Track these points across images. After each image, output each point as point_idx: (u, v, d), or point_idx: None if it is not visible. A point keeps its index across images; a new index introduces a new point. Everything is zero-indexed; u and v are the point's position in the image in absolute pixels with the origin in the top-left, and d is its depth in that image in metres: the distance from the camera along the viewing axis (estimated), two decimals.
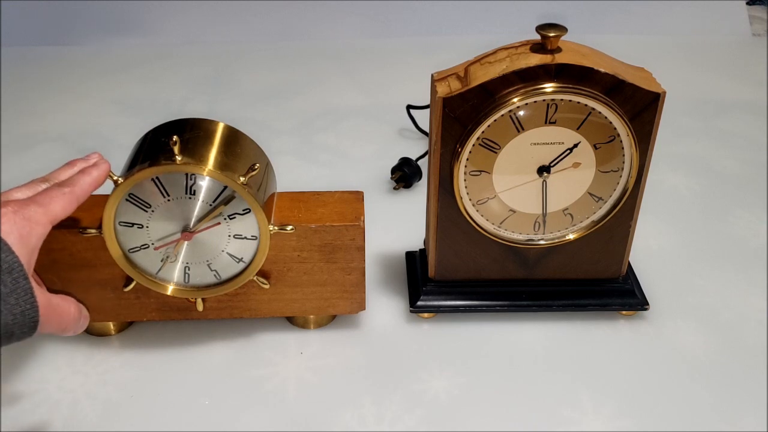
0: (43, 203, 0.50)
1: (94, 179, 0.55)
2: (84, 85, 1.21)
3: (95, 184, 0.55)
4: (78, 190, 0.53)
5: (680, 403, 0.59)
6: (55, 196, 0.51)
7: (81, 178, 0.54)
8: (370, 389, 0.61)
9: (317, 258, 0.61)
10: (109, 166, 0.56)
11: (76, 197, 0.53)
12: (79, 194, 0.53)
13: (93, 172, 0.55)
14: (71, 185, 0.53)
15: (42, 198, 0.51)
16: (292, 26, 1.40)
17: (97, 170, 0.55)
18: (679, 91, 0.88)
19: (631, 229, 0.65)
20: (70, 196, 0.52)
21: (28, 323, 0.47)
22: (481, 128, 0.57)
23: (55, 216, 0.51)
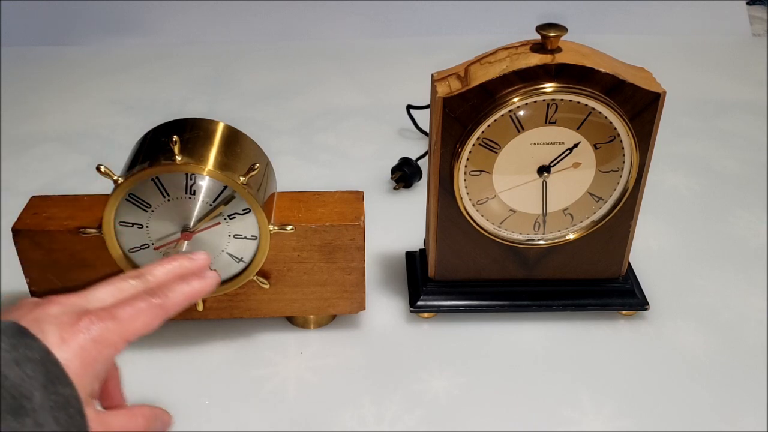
0: (123, 319, 0.42)
1: (193, 291, 0.46)
2: (84, 85, 1.21)
3: (193, 298, 0.47)
4: (169, 305, 0.45)
5: (680, 403, 0.59)
6: (140, 311, 0.43)
7: (177, 288, 0.46)
8: (370, 389, 0.61)
9: (317, 258, 0.61)
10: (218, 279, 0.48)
11: (165, 312, 0.45)
12: (170, 309, 0.45)
13: (194, 283, 0.47)
14: (163, 296, 0.45)
15: (123, 311, 0.43)
16: (292, 26, 1.40)
17: (200, 283, 0.47)
18: (679, 91, 0.87)
19: (631, 229, 0.65)
20: (158, 310, 0.44)
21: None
22: (481, 128, 0.57)
23: (134, 335, 0.43)
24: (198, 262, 0.49)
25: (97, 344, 0.41)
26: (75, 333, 0.40)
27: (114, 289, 0.45)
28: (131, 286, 0.46)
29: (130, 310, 0.43)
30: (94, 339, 0.41)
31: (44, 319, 0.41)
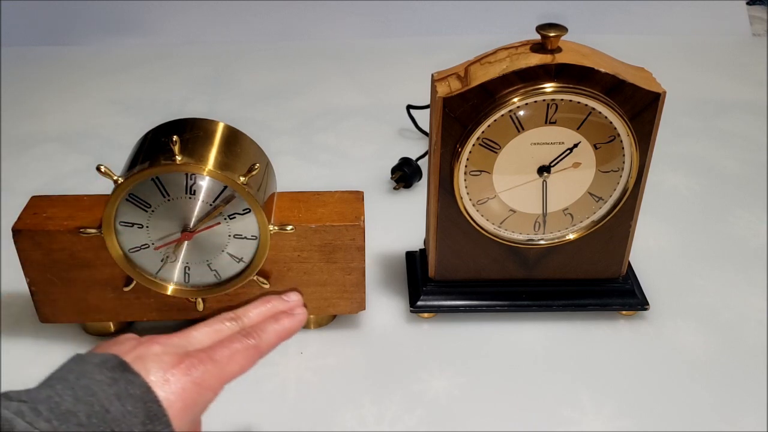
0: (221, 361, 0.43)
1: (284, 330, 0.48)
2: (84, 85, 1.21)
3: (285, 336, 0.48)
4: (264, 345, 0.46)
5: (680, 403, 0.59)
6: (236, 352, 0.44)
7: (269, 327, 0.47)
8: (370, 389, 0.61)
9: (317, 258, 0.61)
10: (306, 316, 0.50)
11: (259, 353, 0.46)
12: (264, 350, 0.46)
13: (285, 321, 0.48)
14: (257, 337, 0.46)
15: (221, 353, 0.44)
16: (292, 26, 1.40)
17: (290, 321, 0.48)
18: (679, 91, 0.87)
19: (631, 229, 0.65)
20: (253, 351, 0.45)
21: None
22: (481, 128, 0.57)
23: (231, 377, 0.44)
24: (291, 303, 0.50)
25: (197, 387, 0.41)
26: (178, 374, 0.41)
27: (211, 331, 0.46)
28: (227, 328, 0.47)
29: (227, 352, 0.44)
30: (195, 381, 0.41)
31: (147, 357, 0.41)
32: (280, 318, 0.48)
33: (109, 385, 0.38)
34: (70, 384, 0.38)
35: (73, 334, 0.66)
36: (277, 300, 0.50)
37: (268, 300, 0.50)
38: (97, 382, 0.38)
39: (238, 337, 0.46)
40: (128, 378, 0.39)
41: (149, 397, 0.39)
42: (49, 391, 0.38)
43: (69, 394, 0.37)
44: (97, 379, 0.39)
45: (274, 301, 0.50)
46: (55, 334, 0.66)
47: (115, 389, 0.38)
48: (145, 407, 0.38)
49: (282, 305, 0.50)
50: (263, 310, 0.49)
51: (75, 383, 0.38)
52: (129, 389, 0.39)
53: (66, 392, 0.37)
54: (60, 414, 0.36)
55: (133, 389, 0.39)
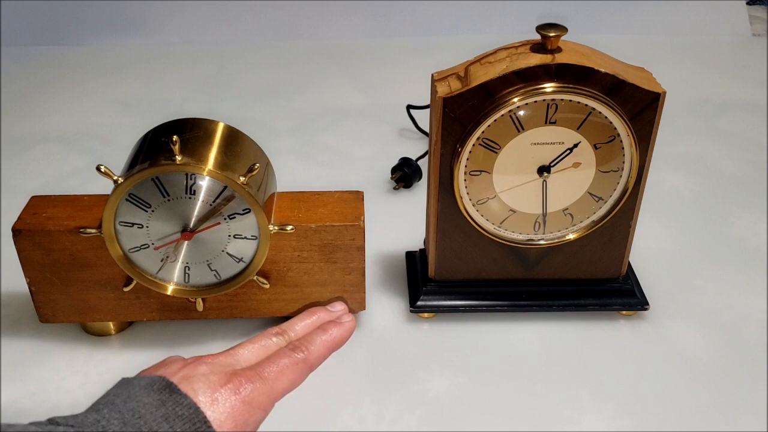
0: (270, 379, 0.43)
1: (333, 340, 0.47)
2: (84, 85, 1.21)
3: (334, 347, 0.47)
4: (312, 358, 0.46)
5: (680, 403, 0.59)
6: (286, 367, 0.44)
7: (317, 338, 0.47)
8: (370, 389, 0.61)
9: (317, 258, 0.61)
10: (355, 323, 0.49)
11: (309, 366, 0.46)
12: (313, 362, 0.46)
13: (333, 330, 0.48)
14: (305, 349, 0.46)
15: (270, 369, 0.43)
16: (292, 26, 1.40)
17: (338, 329, 0.48)
18: (679, 91, 0.88)
19: (631, 229, 0.65)
20: (302, 365, 0.45)
21: None
22: (481, 128, 0.57)
23: (282, 393, 0.44)
24: (336, 314, 0.50)
25: (247, 406, 0.41)
26: (226, 393, 0.40)
27: (258, 348, 0.46)
28: (274, 343, 0.47)
29: (276, 369, 0.43)
30: (244, 401, 0.41)
31: (194, 377, 0.41)
32: (327, 328, 0.48)
33: (156, 407, 0.38)
34: (117, 407, 0.37)
35: (73, 334, 0.66)
36: (323, 311, 0.50)
37: (313, 312, 0.50)
38: (144, 404, 0.38)
39: (286, 351, 0.45)
40: (176, 399, 0.38)
41: (198, 417, 0.38)
42: (96, 415, 0.37)
43: (116, 417, 0.37)
44: (144, 401, 0.38)
45: (319, 313, 0.50)
46: (55, 334, 0.66)
47: (163, 411, 0.37)
48: (194, 428, 0.38)
49: (327, 316, 0.50)
50: (309, 323, 0.49)
51: (122, 406, 0.37)
52: (177, 411, 0.38)
53: (113, 416, 0.37)
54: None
55: (182, 410, 0.38)
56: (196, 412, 0.38)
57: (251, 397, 0.41)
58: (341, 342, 0.48)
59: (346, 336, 0.48)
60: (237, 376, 0.42)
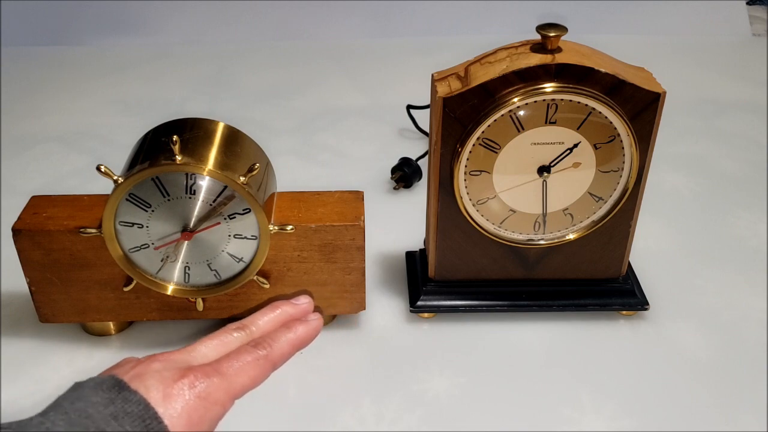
0: (229, 374, 0.41)
1: (298, 339, 0.45)
2: (84, 85, 1.21)
3: (299, 346, 0.45)
4: (275, 355, 0.44)
5: (680, 403, 0.59)
6: (247, 364, 0.42)
7: (281, 335, 0.45)
8: (370, 389, 0.61)
9: (317, 258, 0.61)
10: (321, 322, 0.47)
11: (271, 364, 0.44)
12: (276, 360, 0.44)
13: (299, 328, 0.46)
14: (267, 346, 0.44)
15: (229, 365, 0.42)
16: (292, 26, 1.40)
17: (304, 327, 0.46)
18: (679, 91, 0.88)
19: (631, 229, 0.65)
20: (264, 362, 0.43)
21: None
22: (481, 128, 0.57)
23: (241, 390, 0.42)
24: (301, 307, 0.48)
25: (203, 401, 0.39)
26: (179, 389, 0.38)
27: (217, 343, 0.44)
28: (235, 338, 0.45)
29: (236, 365, 0.42)
30: (199, 396, 0.39)
31: (146, 374, 0.39)
32: (292, 326, 0.46)
33: (105, 406, 0.36)
34: (64, 409, 0.36)
35: (73, 334, 0.66)
36: (287, 305, 0.48)
37: (276, 306, 0.48)
38: (93, 404, 0.36)
39: (247, 348, 0.43)
40: (125, 396, 0.37)
41: (148, 414, 0.37)
42: (41, 418, 0.36)
43: (62, 419, 0.35)
44: (93, 401, 0.37)
45: (283, 306, 0.48)
46: (55, 334, 0.66)
47: (112, 409, 0.36)
48: (144, 425, 0.36)
49: (292, 309, 0.48)
50: (272, 317, 0.47)
51: (69, 407, 0.36)
52: (126, 408, 0.37)
53: (59, 417, 0.35)
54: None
55: (131, 407, 0.37)
56: (146, 408, 0.37)
57: (207, 392, 0.39)
58: (307, 341, 0.46)
59: (312, 335, 0.46)
60: (192, 371, 0.40)
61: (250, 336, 0.46)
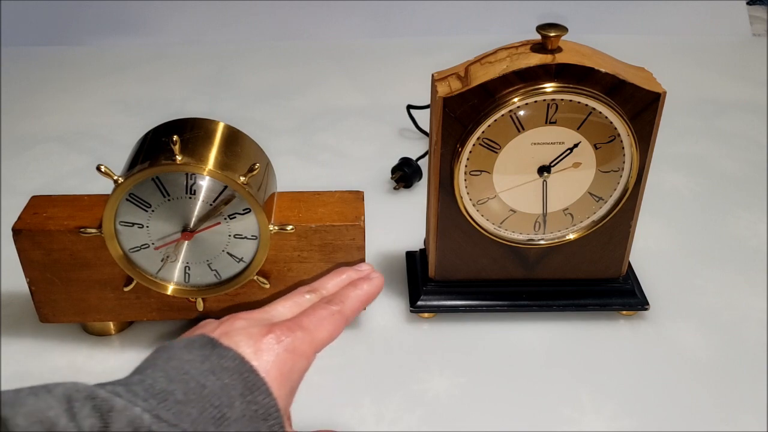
0: (310, 328, 0.42)
1: (365, 294, 0.47)
2: (84, 85, 1.21)
3: (366, 301, 0.48)
4: (347, 310, 0.45)
5: (680, 403, 0.59)
6: (323, 318, 0.44)
7: (350, 292, 0.47)
8: (370, 389, 0.61)
9: (317, 258, 0.61)
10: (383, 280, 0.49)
11: (345, 318, 0.45)
12: (349, 314, 0.45)
13: (364, 285, 0.48)
14: (340, 302, 0.46)
15: (308, 320, 0.43)
16: (292, 26, 1.40)
17: (368, 284, 0.48)
18: (679, 91, 0.88)
19: (631, 229, 0.65)
20: (338, 317, 0.44)
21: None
22: (481, 128, 0.57)
23: (322, 344, 0.43)
24: (364, 272, 0.50)
25: (291, 354, 0.40)
26: (268, 344, 0.40)
27: (292, 304, 0.46)
28: (307, 300, 0.47)
29: (314, 319, 0.43)
30: (287, 349, 0.40)
31: (233, 332, 0.40)
32: (358, 284, 0.48)
33: (201, 362, 0.37)
34: (160, 367, 0.37)
35: (73, 334, 0.66)
36: (351, 271, 0.50)
37: (342, 271, 0.50)
38: (188, 361, 0.37)
39: (322, 304, 0.45)
40: (219, 352, 0.38)
41: (245, 367, 0.38)
42: (140, 376, 0.37)
43: (161, 375, 0.36)
44: (187, 359, 0.38)
45: (348, 272, 0.50)
46: (55, 334, 0.66)
47: (208, 365, 0.37)
48: (242, 378, 0.37)
49: (355, 275, 0.50)
50: (339, 281, 0.49)
51: (165, 366, 0.37)
52: (222, 363, 0.38)
53: (158, 374, 0.36)
54: (156, 393, 0.35)
55: (227, 362, 0.38)
56: (241, 362, 0.38)
57: (294, 346, 0.41)
58: (372, 297, 0.48)
59: (376, 291, 0.48)
60: (277, 326, 0.41)
61: (320, 297, 0.48)
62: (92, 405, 0.33)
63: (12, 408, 0.32)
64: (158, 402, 0.35)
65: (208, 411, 0.35)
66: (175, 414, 0.34)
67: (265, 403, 0.37)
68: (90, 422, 0.32)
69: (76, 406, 0.32)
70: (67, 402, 0.33)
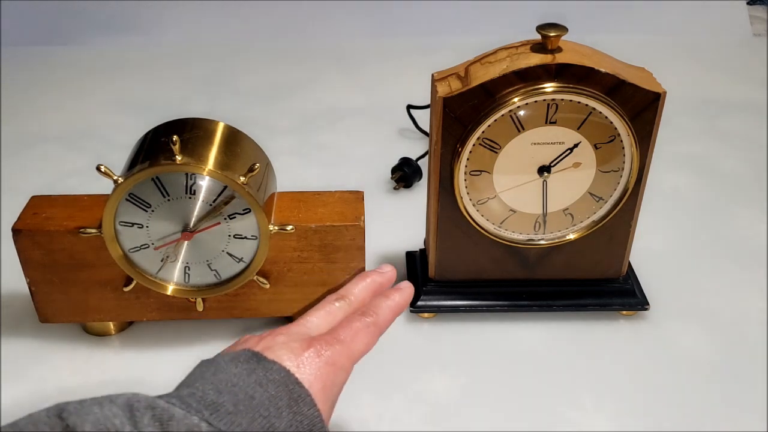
0: (347, 341, 0.44)
1: (397, 305, 0.48)
2: (84, 85, 1.21)
3: (398, 311, 0.49)
4: (381, 320, 0.47)
5: (680, 403, 0.59)
6: (359, 331, 0.45)
7: (383, 303, 0.48)
8: (370, 389, 0.61)
9: (317, 258, 0.61)
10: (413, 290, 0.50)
11: (379, 329, 0.46)
12: (382, 325, 0.47)
13: (395, 296, 0.49)
14: (373, 314, 0.47)
15: (345, 333, 0.44)
16: (292, 26, 1.40)
17: (399, 294, 0.49)
18: (679, 91, 0.88)
19: (631, 229, 0.65)
20: (373, 328, 0.46)
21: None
22: (481, 128, 0.57)
23: (359, 355, 0.44)
24: (387, 275, 0.51)
25: (331, 367, 0.42)
26: (309, 357, 0.41)
27: (324, 314, 0.47)
28: (337, 308, 0.48)
29: (350, 332, 0.44)
30: (327, 362, 0.42)
31: (275, 346, 0.42)
32: (390, 294, 0.49)
33: (248, 374, 0.39)
34: (209, 380, 0.38)
35: (73, 334, 0.66)
36: (374, 274, 0.51)
37: (366, 275, 0.51)
38: (234, 374, 0.39)
39: (356, 316, 0.46)
40: (265, 366, 0.40)
41: (291, 379, 0.39)
42: (189, 389, 0.38)
43: (210, 388, 0.38)
44: (233, 372, 0.39)
45: (372, 276, 0.51)
46: (55, 334, 0.66)
47: (255, 377, 0.39)
48: (287, 390, 0.39)
49: (379, 278, 0.51)
50: (365, 285, 0.50)
51: (212, 378, 0.39)
52: (269, 375, 0.39)
53: (207, 387, 0.38)
54: (207, 405, 0.36)
55: (273, 375, 0.39)
56: (287, 375, 0.39)
57: (333, 359, 0.42)
58: (404, 307, 0.49)
59: (407, 301, 0.49)
60: (316, 341, 0.43)
61: (350, 304, 0.49)
62: (152, 414, 0.35)
63: (79, 417, 0.34)
64: (210, 413, 0.36)
65: (257, 421, 0.37)
66: (226, 424, 0.36)
67: (310, 414, 0.39)
68: (151, 431, 0.34)
69: (137, 415, 0.34)
70: (130, 411, 0.35)
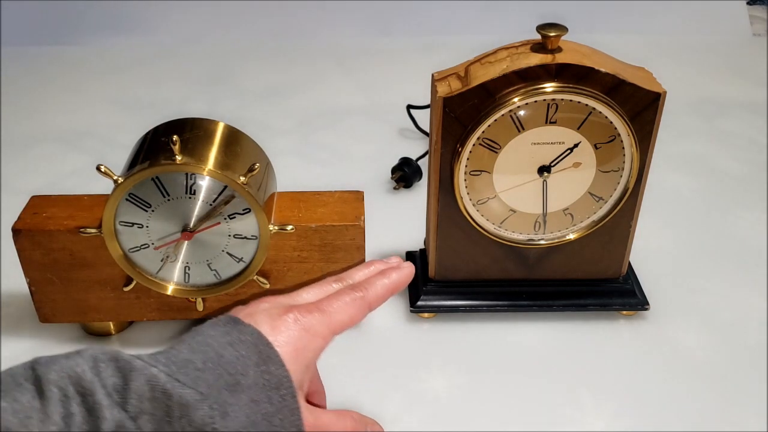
0: (329, 311, 0.45)
1: (392, 283, 0.49)
2: (84, 85, 1.21)
3: (394, 289, 0.49)
4: (371, 296, 0.47)
5: (680, 402, 0.59)
6: (345, 303, 0.46)
7: (376, 281, 0.48)
8: (370, 389, 0.61)
9: (317, 258, 0.61)
10: (413, 269, 0.50)
11: (367, 304, 0.47)
12: (372, 301, 0.47)
13: (392, 274, 0.49)
14: (364, 289, 0.47)
15: (328, 304, 0.45)
16: (292, 26, 1.40)
17: (397, 273, 0.49)
18: (679, 91, 0.88)
19: (631, 229, 0.65)
20: (360, 302, 0.46)
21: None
22: (481, 128, 0.57)
23: (340, 326, 0.45)
24: (392, 264, 0.51)
25: (306, 333, 0.43)
26: (284, 322, 0.43)
27: (318, 291, 0.48)
28: (333, 288, 0.49)
29: (336, 304, 0.46)
30: (303, 328, 0.43)
31: (256, 313, 0.44)
32: (386, 272, 0.49)
33: (222, 336, 0.41)
34: (186, 342, 0.41)
35: (73, 334, 0.66)
36: (379, 263, 0.51)
37: (370, 263, 0.51)
38: (211, 336, 0.41)
39: (345, 290, 0.47)
40: (240, 329, 0.42)
41: (261, 341, 0.41)
42: (165, 350, 0.41)
43: (185, 347, 0.40)
44: (211, 334, 0.42)
45: (376, 264, 0.51)
46: (55, 334, 0.66)
47: (228, 339, 0.41)
48: (257, 350, 0.41)
49: (384, 267, 0.51)
50: (367, 272, 0.50)
51: (190, 340, 0.41)
52: (241, 337, 0.41)
53: (182, 347, 0.40)
54: (177, 362, 0.39)
55: (245, 336, 0.41)
56: (259, 337, 0.41)
57: (309, 325, 0.43)
58: (401, 285, 0.50)
59: (405, 280, 0.50)
60: (296, 308, 0.44)
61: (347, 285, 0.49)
62: (115, 365, 0.37)
63: (47, 366, 0.36)
64: (178, 368, 0.38)
65: (223, 377, 0.39)
66: (192, 379, 0.38)
67: (277, 374, 0.41)
68: (113, 381, 0.37)
69: (101, 366, 0.37)
70: (94, 362, 0.37)
